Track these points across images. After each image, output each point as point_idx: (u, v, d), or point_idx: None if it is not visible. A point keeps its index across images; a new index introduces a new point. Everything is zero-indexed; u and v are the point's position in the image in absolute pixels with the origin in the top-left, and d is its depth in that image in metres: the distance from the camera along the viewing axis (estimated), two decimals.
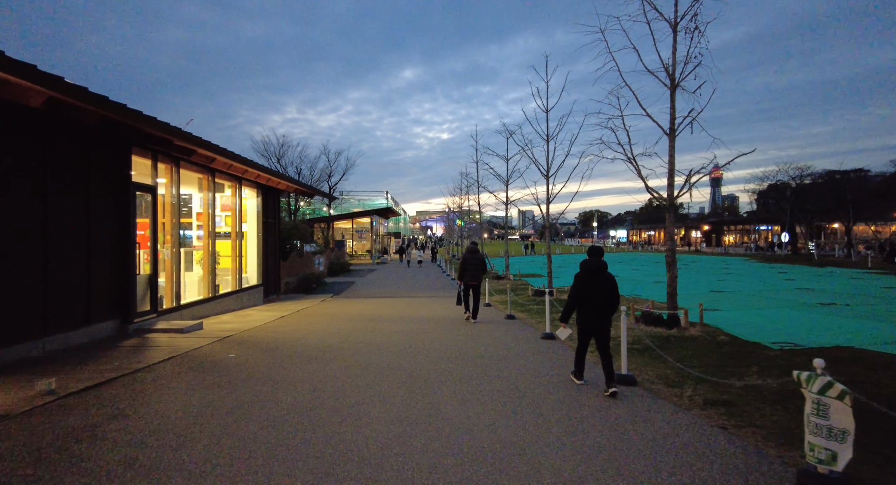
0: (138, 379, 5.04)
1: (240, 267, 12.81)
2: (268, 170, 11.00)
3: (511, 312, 10.26)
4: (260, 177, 12.38)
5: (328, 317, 10.50)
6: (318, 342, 7.32)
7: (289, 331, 8.50)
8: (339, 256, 30.13)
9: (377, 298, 14.88)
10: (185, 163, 9.71)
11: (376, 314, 10.87)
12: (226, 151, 8.79)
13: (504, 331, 8.45)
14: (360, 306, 12.60)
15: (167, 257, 9.47)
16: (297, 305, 13.20)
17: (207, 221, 11.18)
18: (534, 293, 13.96)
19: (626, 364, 4.96)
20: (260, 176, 12.33)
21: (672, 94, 7.74)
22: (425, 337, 7.74)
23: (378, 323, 9.39)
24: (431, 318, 10.19)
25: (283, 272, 16.76)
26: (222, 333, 8.21)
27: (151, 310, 8.58)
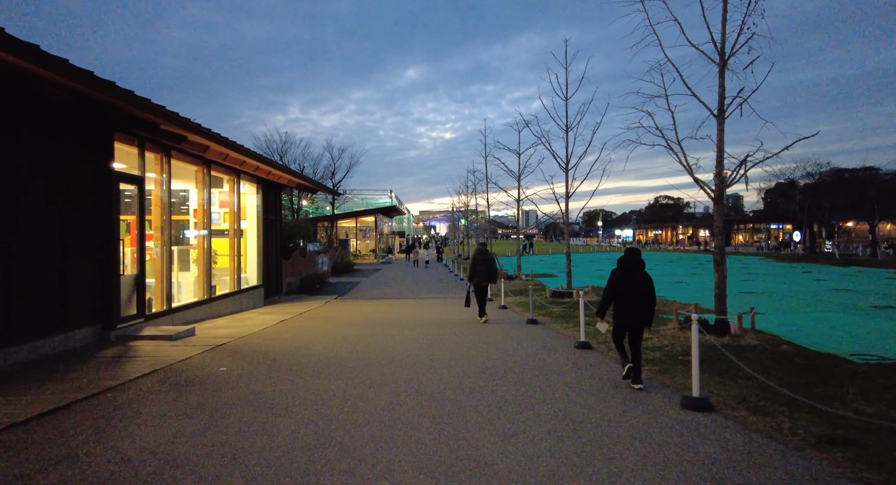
0: (106, 402, 4.18)
1: (238, 267, 11.97)
2: (267, 160, 10.15)
3: (532, 315, 9.37)
4: (259, 169, 11.53)
5: (333, 321, 9.64)
6: (323, 352, 6.45)
7: (290, 338, 7.64)
8: (344, 255, 29.31)
9: (384, 300, 14.01)
10: (177, 153, 8.86)
11: (385, 318, 10.00)
12: (220, 137, 7.93)
13: (529, 338, 7.57)
14: (367, 309, 11.74)
15: (157, 256, 8.62)
16: (299, 307, 12.35)
17: (203, 218, 10.34)
18: (552, 295, 13.06)
19: (697, 385, 4.07)
20: (259, 168, 11.48)
21: (721, 71, 6.83)
22: (443, 345, 6.86)
23: (388, 328, 8.52)
24: (445, 322, 9.31)
25: (285, 272, 15.93)
26: (216, 340, 7.36)
27: (138, 314, 7.73)
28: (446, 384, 4.79)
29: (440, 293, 15.83)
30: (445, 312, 10.88)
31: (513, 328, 8.57)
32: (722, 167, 6.91)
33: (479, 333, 8.05)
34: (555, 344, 7.03)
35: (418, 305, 12.34)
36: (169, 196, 8.78)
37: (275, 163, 10.46)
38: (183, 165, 9.66)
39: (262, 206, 13.51)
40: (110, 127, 7.00)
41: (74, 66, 4.72)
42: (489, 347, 6.76)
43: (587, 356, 6.15)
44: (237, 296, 11.72)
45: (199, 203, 10.31)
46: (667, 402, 4.22)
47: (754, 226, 65.27)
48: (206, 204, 10.38)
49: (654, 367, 5.47)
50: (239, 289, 11.92)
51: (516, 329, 8.47)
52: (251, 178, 12.82)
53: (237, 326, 8.91)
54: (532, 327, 8.70)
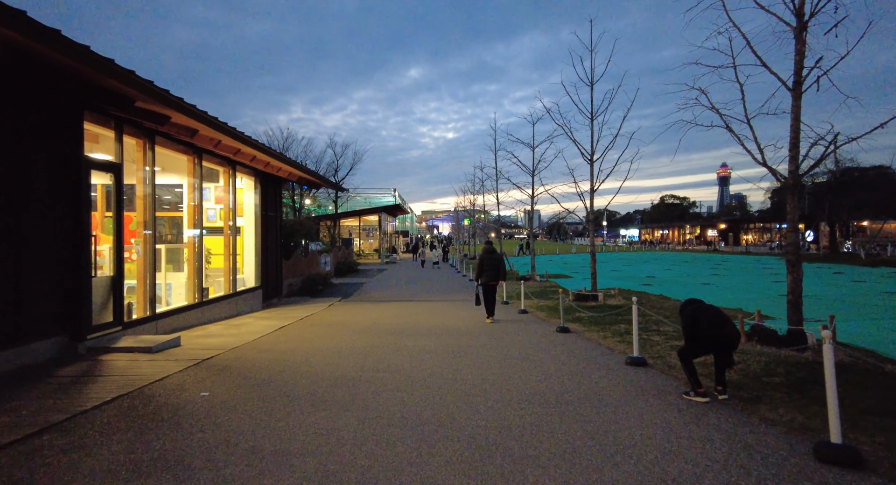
0: (35, 450, 3.14)
1: (234, 267, 10.96)
2: (265, 148, 9.13)
3: (563, 322, 8.31)
4: (256, 160, 10.50)
5: (337, 328, 8.61)
6: (327, 369, 5.41)
7: (288, 349, 6.60)
8: (347, 255, 28.31)
9: (392, 303, 12.98)
10: (162, 139, 7.84)
11: (395, 324, 8.95)
12: (209, 118, 6.89)
13: (567, 350, 6.51)
14: (373, 313, 10.71)
15: (139, 256, 7.61)
16: (300, 310, 11.32)
17: (194, 213, 9.32)
18: (575, 298, 12.00)
19: (838, 427, 3.01)
20: (256, 159, 10.45)
21: (799, 36, 5.76)
22: (468, 360, 5.81)
23: (400, 337, 7.48)
24: (462, 329, 8.27)
25: (285, 273, 14.91)
26: (203, 352, 6.33)
27: (114, 321, 6.71)
28: (486, 420, 3.74)
29: (450, 295, 14.79)
30: (460, 317, 9.83)
31: (543, 338, 7.51)
32: (797, 149, 5.84)
33: (505, 343, 7.00)
34: (600, 359, 5.97)
35: (429, 309, 11.29)
36: (153, 188, 7.76)
37: (273, 151, 9.44)
38: (170, 154, 8.65)
39: (260, 201, 12.49)
40: (79, 104, 5.97)
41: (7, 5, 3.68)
42: (523, 362, 5.71)
43: (648, 377, 5.09)
44: (232, 299, 10.71)
45: (190, 197, 9.30)
46: (790, 450, 3.15)
47: (766, 225, 63.98)
48: (198, 198, 9.36)
49: (738, 392, 4.41)
50: (234, 291, 10.91)
51: (547, 339, 7.42)
52: (248, 170, 11.80)
53: (230, 335, 7.88)
54: (565, 336, 7.64)
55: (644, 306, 11.10)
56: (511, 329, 8.45)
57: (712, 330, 4.17)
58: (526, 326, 8.78)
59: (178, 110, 6.17)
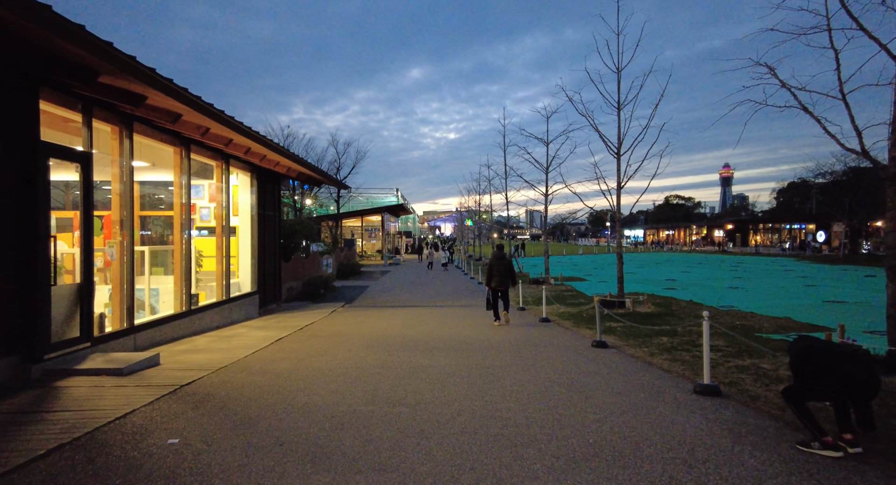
0: None
1: (227, 271, 9.97)
2: (260, 138, 8.13)
3: (600, 336, 7.29)
4: (251, 152, 9.51)
5: (341, 340, 7.60)
6: (330, 400, 4.42)
7: (285, 371, 5.60)
8: (350, 256, 27.33)
9: (399, 309, 11.98)
10: (142, 125, 6.86)
11: (406, 335, 7.95)
12: (190, 97, 5.86)
13: (615, 375, 5.49)
14: (380, 321, 9.71)
15: (113, 260, 6.61)
16: (300, 318, 10.33)
17: (181, 211, 8.34)
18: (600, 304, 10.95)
19: None
20: (251, 151, 9.46)
21: None
22: (503, 390, 4.80)
23: (414, 354, 6.47)
24: (484, 342, 7.26)
25: (284, 276, 13.93)
26: (184, 373, 5.33)
27: (81, 337, 5.71)
28: None
29: (460, 299, 13.79)
30: (476, 327, 8.82)
31: (579, 355, 6.49)
32: None
33: (539, 362, 5.99)
34: (659, 386, 4.95)
35: (441, 317, 10.29)
36: (131, 183, 6.77)
37: (270, 142, 8.44)
38: (153, 145, 7.67)
39: (257, 199, 11.51)
40: (32, 79, 4.98)
41: None
42: (570, 392, 4.69)
43: (734, 415, 4.06)
44: (225, 306, 9.72)
45: (178, 193, 8.31)
46: None
47: (775, 226, 62.81)
48: (186, 195, 8.38)
49: (872, 444, 3.38)
50: (228, 297, 9.92)
51: (585, 356, 6.40)
52: (244, 165, 10.82)
53: (219, 349, 6.89)
54: (604, 353, 6.62)
55: (676, 316, 10.10)
56: (539, 342, 7.44)
57: (841, 370, 3.13)
58: (554, 339, 7.77)
59: (151, 85, 5.16)
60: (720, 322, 8.94)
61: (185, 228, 8.37)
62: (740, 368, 5.53)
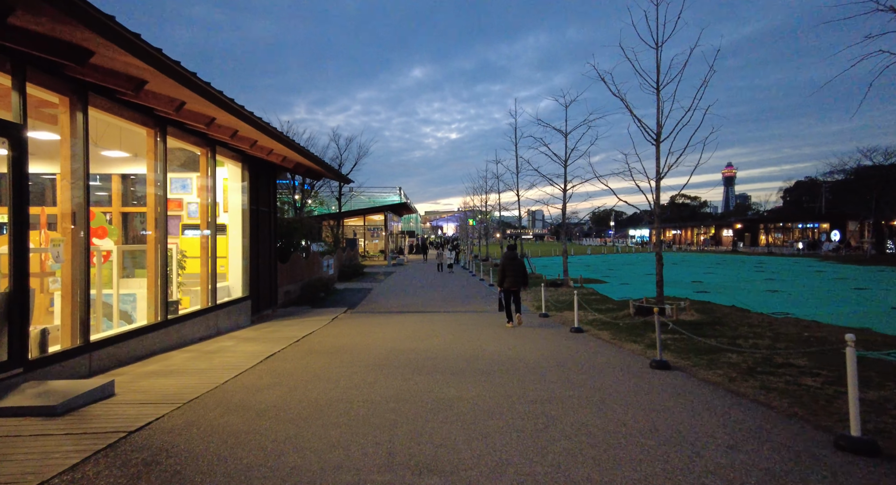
0: None
1: (213, 274, 8.72)
2: (249, 117, 6.84)
3: (660, 355, 6.00)
4: (240, 136, 8.25)
5: (344, 358, 6.33)
6: (330, 462, 3.15)
7: (272, 407, 4.34)
8: (352, 256, 26.08)
9: (408, 315, 10.71)
10: (100, 98, 5.60)
11: (420, 350, 6.67)
12: (151, 50, 4.57)
13: (707, 413, 4.21)
14: (388, 330, 8.43)
15: (60, 261, 5.35)
16: (297, 327, 9.07)
17: (155, 205, 7.08)
18: (637, 311, 9.69)
19: None
20: (240, 135, 8.19)
21: None
22: (566, 441, 3.52)
23: (434, 378, 5.20)
24: (516, 360, 5.98)
25: (281, 278, 12.68)
26: (140, 410, 4.08)
27: (10, 361, 4.45)
28: None
29: (472, 303, 12.51)
30: (500, 337, 7.54)
31: (642, 381, 5.21)
32: None
33: (600, 394, 4.71)
34: (779, 433, 3.66)
35: (457, 325, 9.00)
36: (86, 167, 5.51)
37: (259, 122, 7.16)
38: (117, 124, 6.42)
39: (249, 193, 10.26)
40: None
41: None
42: (667, 448, 3.40)
43: None
44: (211, 314, 8.46)
45: (151, 183, 7.06)
46: None
47: (786, 225, 61.37)
48: (161, 185, 7.12)
49: None
50: (214, 304, 8.67)
51: (650, 384, 5.11)
52: (233, 154, 9.57)
53: (195, 371, 5.62)
54: (671, 378, 5.33)
55: (726, 325, 8.82)
56: (582, 360, 6.16)
57: None
58: (598, 356, 6.48)
59: (100, 32, 3.89)
60: (784, 333, 7.66)
61: (159, 225, 7.12)
62: (872, 405, 4.23)
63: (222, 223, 10.12)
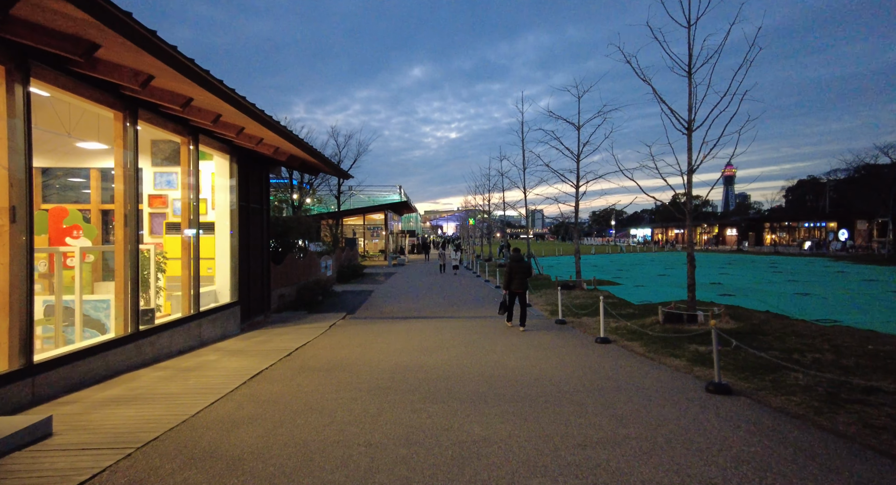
0: None
1: (195, 277, 7.78)
2: (231, 96, 5.87)
3: (719, 376, 5.05)
4: (224, 122, 7.29)
5: (341, 378, 5.39)
6: None
7: (250, 454, 3.40)
8: (351, 256, 25.12)
9: (413, 321, 9.77)
10: (44, 68, 4.64)
11: (430, 367, 5.73)
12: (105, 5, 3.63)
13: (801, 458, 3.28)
14: (392, 340, 7.49)
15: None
16: (291, 336, 8.12)
17: (125, 201, 6.13)
18: (666, 318, 8.75)
19: None
20: (223, 122, 7.24)
21: None
22: None
23: (451, 408, 4.27)
24: (545, 381, 5.05)
25: (275, 281, 11.74)
26: (76, 461, 3.15)
27: None
28: None
29: (482, 308, 11.56)
30: (521, 350, 6.59)
31: (705, 411, 4.27)
32: None
33: (660, 433, 3.78)
34: None
35: (468, 333, 8.05)
36: (28, 152, 4.56)
37: (243, 101, 6.19)
38: (77, 104, 5.47)
39: (239, 188, 9.33)
40: None
41: None
42: None
43: None
44: (193, 323, 7.52)
45: (120, 176, 6.10)
46: None
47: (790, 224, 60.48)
48: (131, 177, 6.17)
49: None
50: (197, 311, 7.73)
51: (717, 416, 4.17)
52: (219, 145, 8.62)
53: (164, 396, 4.68)
54: (738, 407, 4.39)
55: (769, 334, 7.89)
56: (622, 381, 5.21)
57: None
58: (639, 375, 5.54)
59: None
60: (843, 346, 6.73)
61: (129, 223, 6.17)
62: None
63: (209, 222, 9.19)
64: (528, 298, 12.59)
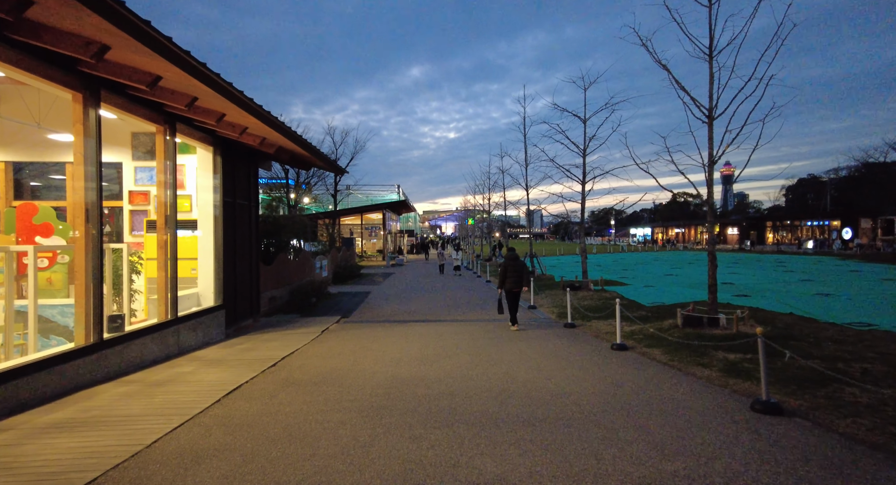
0: None
1: (173, 278, 7.09)
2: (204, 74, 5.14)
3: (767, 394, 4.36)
4: (199, 108, 6.59)
5: (330, 395, 4.69)
6: None
7: None
8: (348, 257, 24.42)
9: (411, 325, 9.08)
10: None
11: (431, 380, 5.04)
12: None
13: None
14: (389, 348, 6.79)
15: None
16: (279, 342, 7.42)
17: (84, 192, 5.43)
18: (685, 322, 8.08)
19: None
20: (201, 105, 6.53)
21: None
22: None
23: (458, 435, 3.59)
24: (565, 400, 4.38)
25: (265, 282, 11.04)
26: None
27: None
28: None
29: (486, 310, 10.85)
30: (532, 360, 5.90)
31: (753, 437, 3.59)
32: None
33: (715, 470, 3.10)
34: None
35: (472, 340, 7.35)
36: None
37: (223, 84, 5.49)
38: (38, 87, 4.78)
39: (224, 183, 8.64)
40: None
41: None
42: None
43: None
44: (170, 329, 6.82)
45: (80, 164, 5.40)
46: None
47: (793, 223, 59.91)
48: (93, 167, 5.48)
49: None
50: (175, 316, 7.04)
51: (779, 446, 3.49)
52: (202, 135, 7.92)
53: (117, 423, 3.98)
54: (799, 432, 3.71)
55: (802, 339, 7.22)
56: (651, 400, 4.53)
57: None
58: (670, 391, 4.85)
59: None
60: (891, 354, 6.05)
61: (92, 219, 5.48)
62: None
63: (191, 219, 8.49)
64: (533, 299, 11.93)
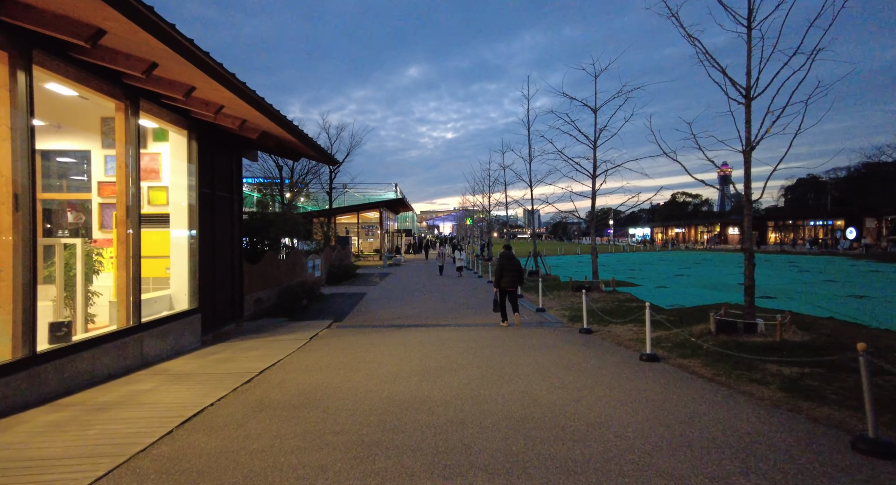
0: None
1: (135, 279, 6.11)
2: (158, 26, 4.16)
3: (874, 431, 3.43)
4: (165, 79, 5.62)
5: (310, 424, 3.73)
6: None
7: None
8: (343, 256, 23.42)
9: (410, 330, 8.13)
10: None
11: (437, 402, 4.09)
12: None
13: None
14: (385, 360, 5.82)
15: None
16: (259, 351, 6.45)
17: (11, 175, 4.46)
18: (719, 328, 7.15)
19: None
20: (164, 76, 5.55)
21: None
22: None
23: None
24: (605, 435, 3.44)
25: (250, 283, 10.06)
26: None
27: None
28: None
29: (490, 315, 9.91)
30: (553, 375, 4.96)
31: None
32: None
33: None
34: None
35: (481, 349, 6.40)
36: None
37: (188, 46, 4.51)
38: None
39: (200, 172, 7.69)
40: None
41: None
42: None
43: None
44: (131, 338, 5.84)
45: (6, 141, 4.43)
46: None
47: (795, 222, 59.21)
48: (24, 145, 4.51)
49: None
50: (137, 323, 6.07)
51: None
52: (171, 115, 6.93)
53: (16, 473, 3.00)
54: None
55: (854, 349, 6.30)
56: (714, 433, 3.58)
57: None
58: (736, 420, 3.91)
59: None
60: None
61: (22, 208, 4.50)
62: None
63: (163, 213, 7.52)
64: (541, 301, 11.03)
